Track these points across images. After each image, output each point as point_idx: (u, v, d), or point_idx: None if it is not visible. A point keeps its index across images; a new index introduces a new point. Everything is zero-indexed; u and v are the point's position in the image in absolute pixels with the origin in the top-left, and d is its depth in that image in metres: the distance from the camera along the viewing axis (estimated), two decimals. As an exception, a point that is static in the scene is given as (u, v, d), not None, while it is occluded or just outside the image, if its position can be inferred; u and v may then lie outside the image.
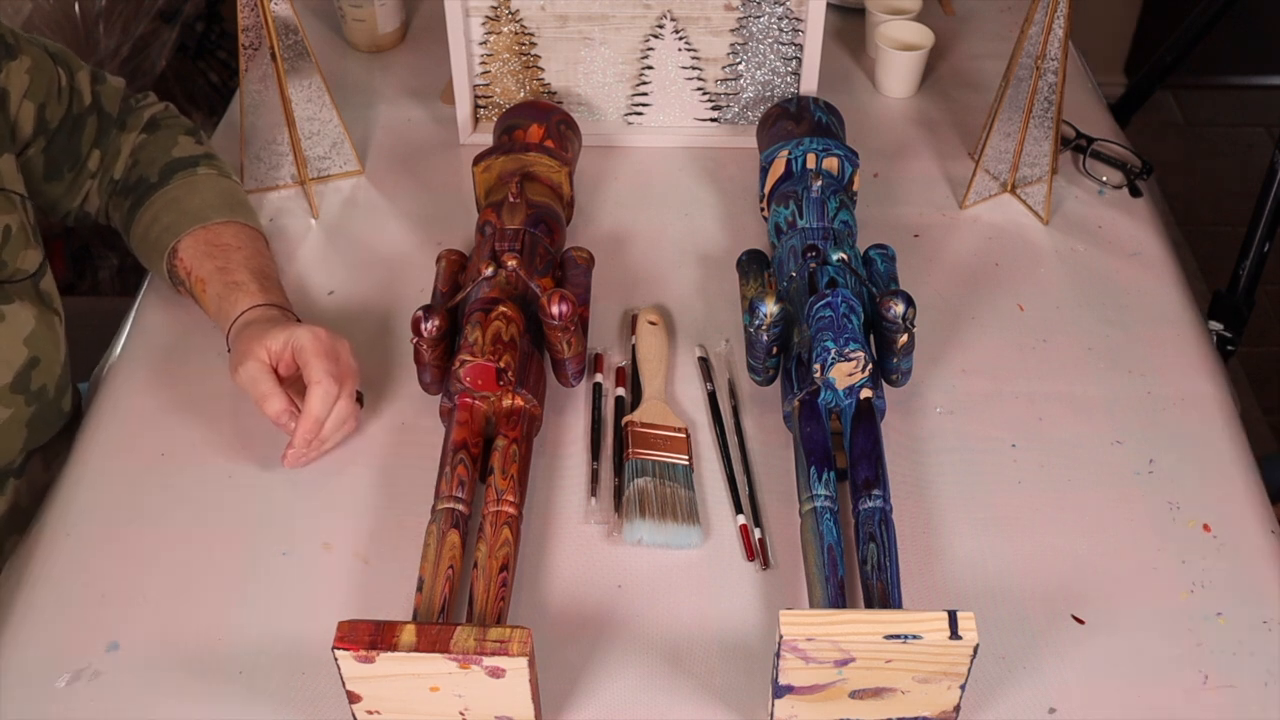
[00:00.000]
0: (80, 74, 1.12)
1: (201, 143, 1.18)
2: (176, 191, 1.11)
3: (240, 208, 1.14)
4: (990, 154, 1.24)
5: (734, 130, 1.33)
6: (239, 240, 1.10)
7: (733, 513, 0.97)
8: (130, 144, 1.15)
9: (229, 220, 1.11)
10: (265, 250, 1.13)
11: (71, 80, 1.10)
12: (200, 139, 1.18)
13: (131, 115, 1.16)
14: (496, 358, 0.94)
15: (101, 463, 1.01)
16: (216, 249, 1.08)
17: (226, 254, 1.08)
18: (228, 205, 1.12)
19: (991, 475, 0.99)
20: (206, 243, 1.09)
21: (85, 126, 1.12)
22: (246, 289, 1.05)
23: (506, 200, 1.09)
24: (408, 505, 0.97)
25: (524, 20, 1.26)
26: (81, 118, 1.11)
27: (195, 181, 1.12)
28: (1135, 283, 1.16)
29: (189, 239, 1.08)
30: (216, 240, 1.09)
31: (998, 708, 0.85)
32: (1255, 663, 0.87)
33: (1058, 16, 1.12)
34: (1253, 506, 0.97)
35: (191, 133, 1.18)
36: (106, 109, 1.14)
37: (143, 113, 1.17)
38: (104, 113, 1.14)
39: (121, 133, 1.15)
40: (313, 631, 0.88)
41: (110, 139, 1.14)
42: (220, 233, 1.10)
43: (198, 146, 1.16)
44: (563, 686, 0.86)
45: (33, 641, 0.89)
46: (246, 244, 1.10)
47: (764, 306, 0.96)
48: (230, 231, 1.10)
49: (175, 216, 1.10)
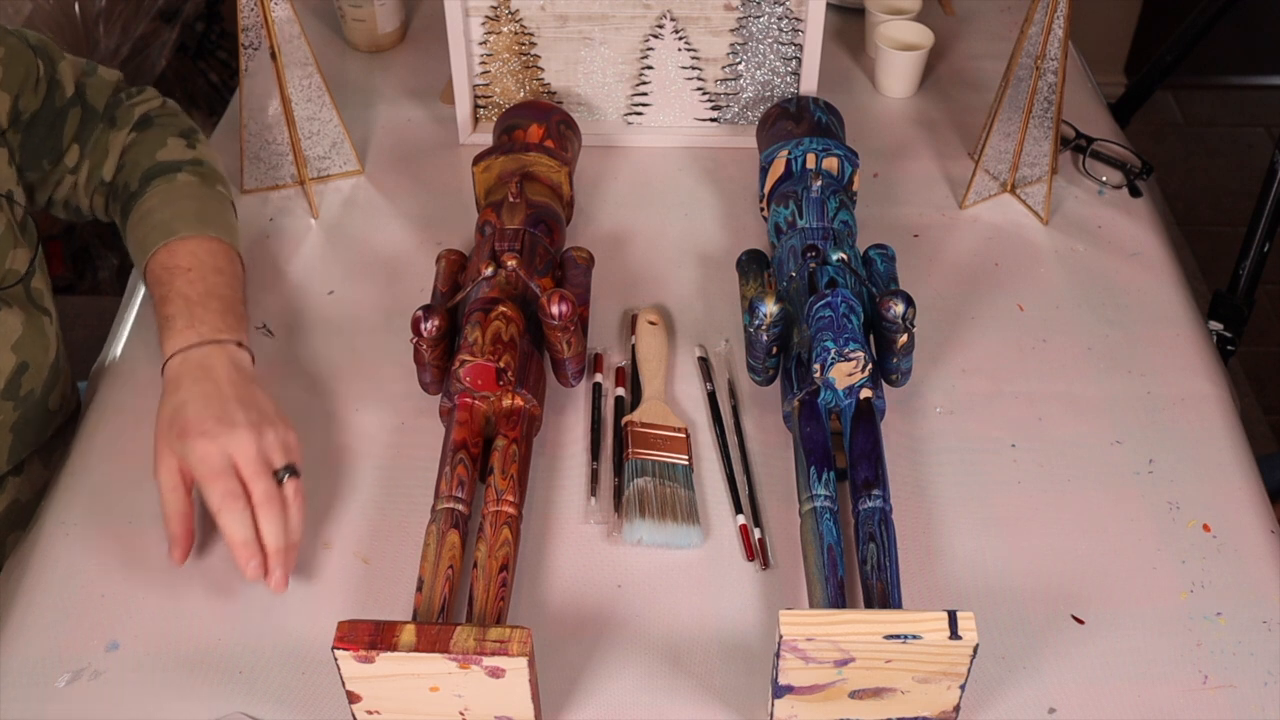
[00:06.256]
0: (63, 64, 1.07)
1: (193, 145, 1.12)
2: (152, 201, 1.06)
3: (213, 220, 1.06)
4: (990, 154, 1.24)
5: (734, 130, 1.33)
6: (194, 259, 1.01)
7: (732, 513, 0.97)
8: (120, 143, 1.10)
9: (194, 235, 1.03)
10: (226, 266, 1.03)
11: (53, 71, 1.06)
12: (193, 140, 1.12)
13: (122, 111, 1.11)
14: (496, 358, 0.94)
15: (101, 462, 1.01)
16: (166, 273, 1.01)
17: (171, 279, 1.00)
18: (198, 216, 1.05)
19: (991, 475, 0.99)
20: (161, 266, 1.01)
21: (67, 119, 1.07)
22: (173, 327, 0.97)
23: (506, 200, 1.09)
24: (408, 505, 0.97)
25: (524, 20, 1.26)
26: (63, 110, 1.07)
27: (171, 189, 1.06)
28: (1135, 283, 1.16)
29: (154, 261, 1.02)
30: (169, 262, 1.01)
31: (998, 708, 0.85)
32: (1255, 663, 0.87)
33: (1057, 16, 1.12)
34: (1253, 506, 0.97)
35: (185, 134, 1.12)
36: (91, 103, 1.09)
37: (134, 109, 1.12)
38: (89, 106, 1.09)
39: (111, 129, 1.10)
40: (313, 631, 0.88)
41: (95, 135, 1.10)
42: (176, 251, 1.02)
43: (186, 150, 1.11)
44: (563, 686, 0.86)
45: (33, 641, 0.89)
46: (201, 262, 1.01)
47: (764, 306, 0.96)
48: (188, 249, 1.02)
49: (146, 231, 1.04)
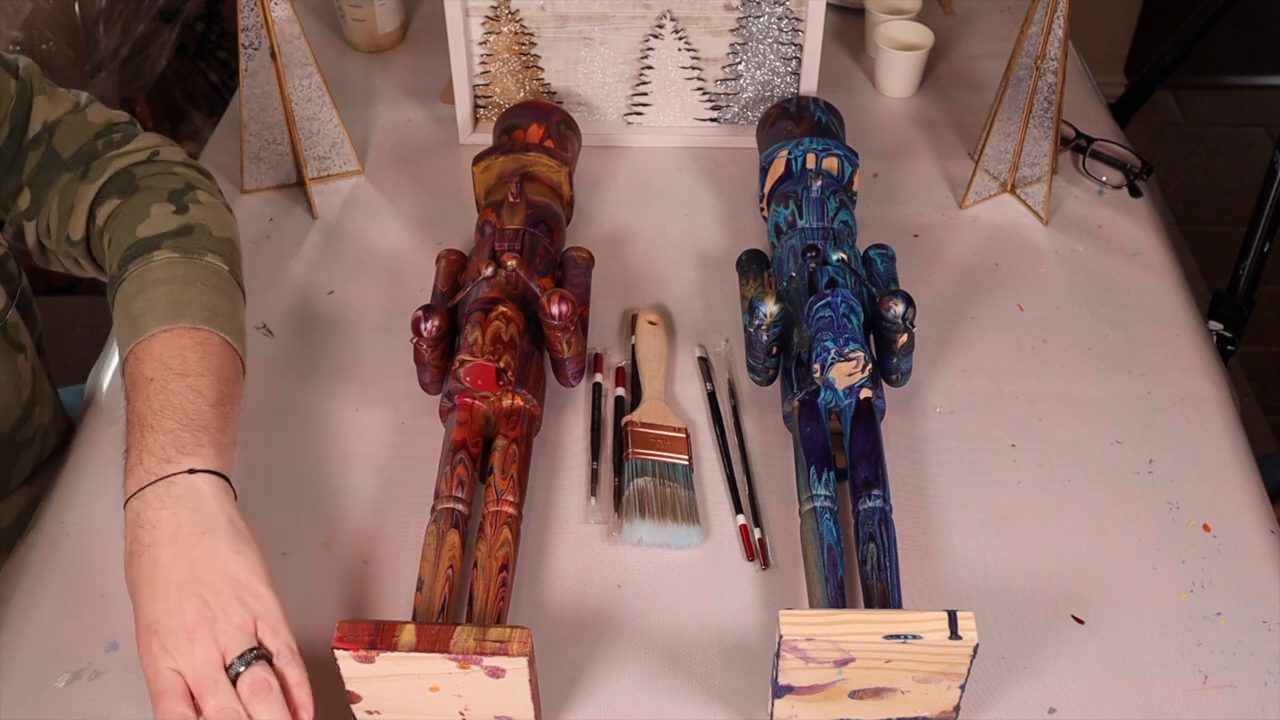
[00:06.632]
0: (39, 100, 0.99)
1: (183, 207, 0.97)
2: (128, 290, 0.93)
3: (189, 304, 0.91)
4: (990, 154, 1.24)
5: (734, 130, 1.33)
6: (158, 365, 0.87)
7: (732, 513, 0.97)
8: (89, 196, 0.99)
9: (166, 328, 0.89)
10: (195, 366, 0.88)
11: (26, 108, 0.98)
12: (184, 200, 0.98)
13: (98, 163, 1.00)
14: (496, 358, 0.94)
15: (101, 462, 1.00)
16: (133, 388, 0.88)
17: (135, 396, 0.87)
18: (171, 305, 0.90)
19: (991, 475, 0.99)
20: (130, 380, 0.88)
21: (26, 159, 0.99)
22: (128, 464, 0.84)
23: (506, 200, 1.09)
24: (408, 505, 0.97)
25: (524, 20, 1.26)
26: (24, 150, 0.99)
27: (146, 273, 0.93)
28: (1135, 283, 1.16)
29: (127, 372, 0.89)
30: (136, 372, 0.88)
31: (998, 708, 0.85)
32: (1255, 663, 0.87)
33: (1057, 16, 1.12)
34: (1253, 506, 0.97)
35: (175, 195, 0.98)
36: (56, 147, 0.99)
37: (113, 162, 1.00)
38: (52, 151, 0.99)
39: (81, 181, 0.99)
40: (313, 631, 0.88)
41: (61, 183, 0.99)
42: (143, 358, 0.88)
43: (173, 216, 0.96)
44: (563, 686, 0.86)
45: (33, 641, 0.89)
46: (165, 367, 0.87)
47: (764, 306, 0.96)
48: (153, 353, 0.88)
49: (121, 329, 0.92)
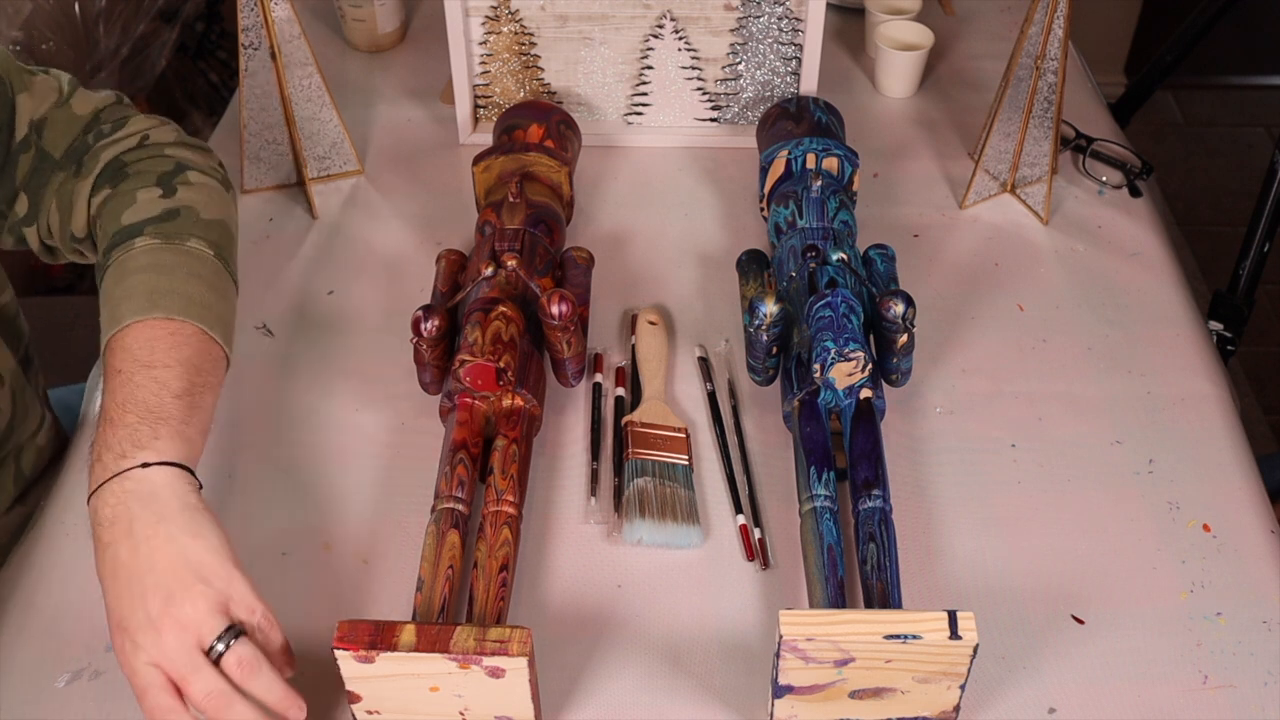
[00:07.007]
0: (23, 98, 0.96)
1: (171, 191, 0.95)
2: (111, 277, 0.91)
3: (166, 293, 0.88)
4: (990, 154, 1.24)
5: (734, 130, 1.33)
6: (127, 357, 0.85)
7: (732, 513, 0.97)
8: (85, 192, 0.97)
9: (140, 319, 0.87)
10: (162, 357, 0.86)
11: (11, 111, 0.95)
12: (172, 184, 0.96)
13: (89, 156, 0.98)
14: (496, 358, 0.94)
15: (101, 463, 1.01)
16: (105, 378, 0.86)
17: (106, 384, 0.86)
18: (148, 293, 0.88)
19: (991, 475, 0.99)
20: (105, 368, 0.87)
21: (17, 164, 0.97)
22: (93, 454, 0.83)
23: (506, 200, 1.09)
24: (408, 505, 0.97)
25: (524, 20, 1.26)
26: (14, 155, 0.96)
27: (126, 261, 0.91)
28: (1135, 283, 1.16)
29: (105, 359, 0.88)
30: (109, 364, 0.86)
31: (998, 708, 0.85)
32: (1255, 663, 0.87)
33: (1057, 16, 1.12)
34: (1253, 506, 0.97)
35: (164, 178, 0.96)
36: (47, 148, 0.97)
37: (103, 152, 0.97)
38: (43, 152, 0.97)
39: (76, 178, 0.97)
40: (313, 631, 0.88)
41: (58, 183, 0.97)
42: (116, 351, 0.86)
43: (160, 200, 0.94)
44: (563, 686, 0.86)
45: (33, 641, 0.89)
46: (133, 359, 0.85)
47: (764, 306, 0.96)
48: (124, 346, 0.86)
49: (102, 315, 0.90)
